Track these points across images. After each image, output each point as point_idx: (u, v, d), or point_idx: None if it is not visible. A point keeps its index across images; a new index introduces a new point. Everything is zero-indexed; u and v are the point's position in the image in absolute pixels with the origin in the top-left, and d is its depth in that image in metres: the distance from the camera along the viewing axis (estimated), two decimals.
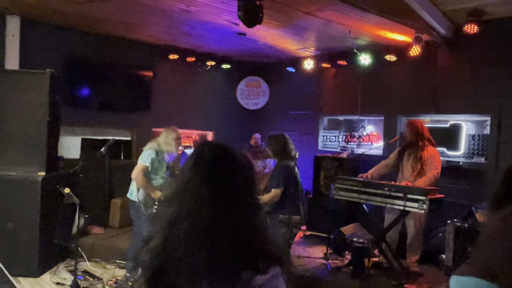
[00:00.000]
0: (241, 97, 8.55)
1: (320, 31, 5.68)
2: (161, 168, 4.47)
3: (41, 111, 4.68)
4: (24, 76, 4.73)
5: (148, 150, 4.41)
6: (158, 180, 4.50)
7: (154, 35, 6.47)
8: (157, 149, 4.45)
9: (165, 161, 4.53)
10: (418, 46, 5.70)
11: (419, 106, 6.11)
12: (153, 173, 4.43)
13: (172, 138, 4.51)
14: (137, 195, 4.37)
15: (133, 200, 4.44)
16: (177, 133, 4.59)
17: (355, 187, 4.96)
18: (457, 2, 4.86)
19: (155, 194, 4.41)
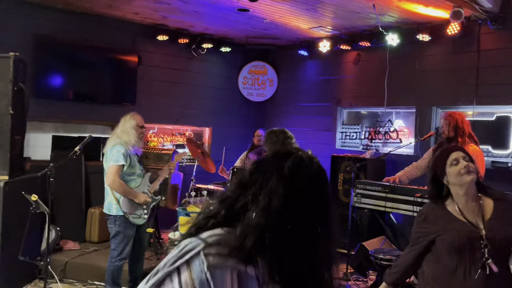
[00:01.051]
0: (244, 87, 8.48)
1: (338, 5, 5.59)
2: (135, 164, 4.40)
3: (3, 103, 4.63)
4: None
5: (114, 147, 4.30)
6: (136, 180, 4.44)
7: (140, 12, 6.42)
8: (121, 142, 4.34)
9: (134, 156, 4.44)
10: (457, 23, 5.61)
11: (458, 95, 6.02)
12: (128, 173, 4.35)
13: (130, 126, 4.40)
14: (120, 207, 4.30)
15: (113, 214, 4.36)
16: (137, 119, 4.47)
17: (380, 193, 4.90)
18: None
19: (139, 199, 4.35)
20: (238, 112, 8.50)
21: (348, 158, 6.62)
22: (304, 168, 1.24)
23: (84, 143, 4.66)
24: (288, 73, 8.40)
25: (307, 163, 1.26)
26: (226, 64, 8.34)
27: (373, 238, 5.70)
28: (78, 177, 6.55)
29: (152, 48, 7.36)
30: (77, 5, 6.18)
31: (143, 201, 4.39)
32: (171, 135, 7.89)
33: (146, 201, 4.42)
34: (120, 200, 4.30)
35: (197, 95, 8.01)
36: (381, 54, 6.84)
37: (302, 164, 1.25)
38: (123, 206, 4.30)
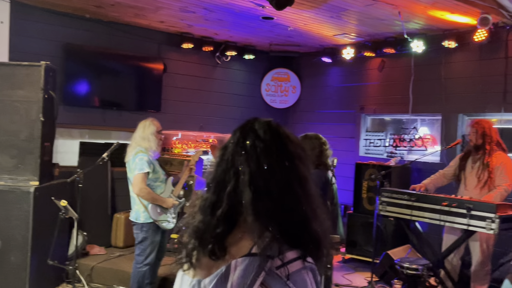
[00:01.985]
0: (267, 94, 8.52)
1: (362, 13, 5.59)
2: (158, 170, 4.45)
3: (34, 110, 4.74)
4: (15, 70, 4.80)
5: (136, 156, 4.32)
6: (161, 186, 4.51)
7: (166, 20, 6.51)
8: (142, 150, 4.35)
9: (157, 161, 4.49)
10: (484, 30, 5.54)
11: (485, 102, 5.94)
12: (153, 180, 4.40)
13: (151, 132, 4.42)
14: (149, 215, 4.34)
15: (141, 222, 4.40)
16: (156, 125, 4.50)
17: (406, 201, 4.86)
18: None
19: (167, 203, 4.41)
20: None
21: (372, 166, 6.58)
22: (259, 141, 1.28)
23: (112, 149, 4.74)
24: (311, 80, 8.41)
25: (260, 134, 1.29)
26: (249, 71, 8.39)
27: (398, 247, 5.65)
28: (104, 182, 6.66)
29: (177, 56, 7.46)
30: (105, 14, 6.31)
31: (171, 205, 4.45)
32: (195, 142, 7.96)
33: (174, 204, 4.49)
34: (149, 207, 4.34)
35: (220, 102, 8.07)
36: (406, 60, 6.80)
37: (255, 136, 1.29)
38: (151, 213, 4.33)
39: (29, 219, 4.62)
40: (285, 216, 1.21)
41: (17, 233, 4.62)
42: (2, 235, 4.63)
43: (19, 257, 4.61)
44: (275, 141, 1.29)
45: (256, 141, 1.27)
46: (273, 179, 1.23)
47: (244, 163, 1.25)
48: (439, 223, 4.61)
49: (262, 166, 1.23)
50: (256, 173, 1.23)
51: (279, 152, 1.27)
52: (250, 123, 1.33)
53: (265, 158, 1.24)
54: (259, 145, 1.26)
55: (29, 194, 4.62)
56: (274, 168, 1.24)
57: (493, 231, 4.20)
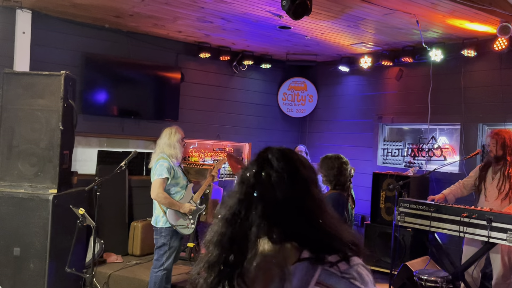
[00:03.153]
0: (284, 103, 8.52)
1: (380, 22, 5.57)
2: (178, 175, 4.53)
3: (54, 118, 4.82)
4: (36, 79, 4.89)
5: (158, 162, 4.48)
6: (180, 192, 4.59)
7: (184, 30, 6.57)
8: (165, 156, 4.51)
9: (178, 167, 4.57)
10: (504, 38, 5.48)
11: (505, 112, 5.85)
12: (173, 185, 4.50)
13: (177, 140, 4.58)
14: (167, 220, 4.42)
15: (160, 227, 4.49)
16: (181, 133, 4.69)
17: (425, 212, 4.81)
18: None
19: (183, 209, 4.48)
20: (277, 128, 8.53)
21: (390, 176, 6.51)
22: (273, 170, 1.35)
23: (130, 158, 4.79)
24: (328, 89, 8.38)
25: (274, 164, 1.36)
26: (266, 80, 8.41)
27: (416, 258, 5.58)
28: (122, 191, 6.71)
29: (194, 65, 7.51)
30: (124, 24, 6.39)
31: (188, 210, 4.51)
32: (211, 151, 7.99)
33: (191, 209, 4.53)
34: (167, 212, 4.44)
35: (237, 111, 8.10)
36: (424, 69, 6.75)
37: (269, 166, 1.36)
38: (170, 218, 4.44)
39: (47, 227, 4.68)
40: (311, 234, 1.31)
41: (36, 240, 4.69)
42: (21, 242, 4.70)
43: (37, 264, 4.67)
44: (288, 168, 1.36)
45: (270, 171, 1.35)
46: (291, 205, 1.31)
47: (261, 193, 1.32)
48: (458, 235, 4.53)
49: (278, 195, 1.31)
50: (273, 202, 1.31)
51: (293, 179, 1.35)
52: (263, 154, 1.41)
53: (279, 187, 1.32)
54: (273, 174, 1.34)
55: (48, 202, 4.69)
56: (290, 195, 1.32)
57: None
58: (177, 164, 4.62)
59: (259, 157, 1.40)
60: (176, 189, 4.56)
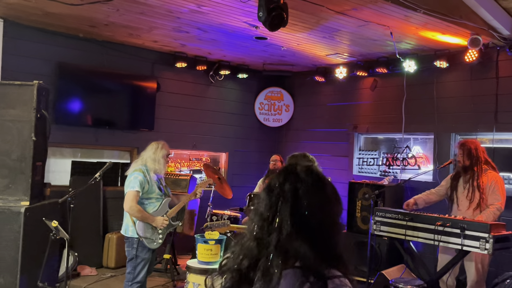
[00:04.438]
0: (260, 112, 8.54)
1: (355, 33, 5.65)
2: (153, 190, 4.48)
3: (26, 129, 4.71)
4: (7, 89, 4.78)
5: (133, 173, 4.42)
6: (154, 204, 4.51)
7: (159, 40, 6.54)
8: (143, 169, 4.44)
9: (156, 181, 4.51)
10: (475, 50, 5.61)
11: (477, 122, 5.98)
12: (145, 197, 4.43)
13: (162, 156, 4.54)
14: (135, 230, 4.35)
15: (129, 236, 4.42)
16: (167, 149, 4.66)
17: (400, 221, 4.85)
18: None
19: (156, 222, 4.40)
20: (254, 137, 8.54)
21: (366, 185, 6.57)
22: (301, 184, 1.43)
23: (104, 169, 4.71)
24: (305, 98, 8.45)
25: (304, 179, 1.44)
26: (242, 90, 8.42)
27: (392, 266, 5.62)
28: (96, 202, 6.61)
29: (170, 74, 7.48)
30: (99, 34, 6.33)
31: (160, 224, 4.43)
32: (188, 161, 7.94)
33: (164, 224, 4.46)
34: (136, 223, 4.36)
35: (214, 120, 8.08)
36: (398, 80, 6.86)
37: (299, 182, 1.43)
38: (138, 229, 4.36)
39: (19, 240, 4.55)
40: (321, 246, 1.39)
41: (7, 254, 4.55)
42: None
43: (8, 279, 4.54)
44: (316, 184, 1.44)
45: (298, 183, 1.42)
46: (313, 218, 1.39)
47: (286, 203, 1.40)
48: (433, 243, 4.59)
49: (303, 206, 1.39)
50: (297, 212, 1.39)
51: (318, 194, 1.43)
52: (292, 167, 1.48)
53: (305, 199, 1.40)
54: (301, 187, 1.42)
55: (19, 215, 4.56)
56: (314, 208, 1.40)
57: (487, 251, 4.20)
58: (156, 178, 4.56)
59: (287, 169, 1.48)
60: (149, 201, 4.50)
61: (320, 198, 1.43)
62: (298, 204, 1.39)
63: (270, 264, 1.35)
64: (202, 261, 4.45)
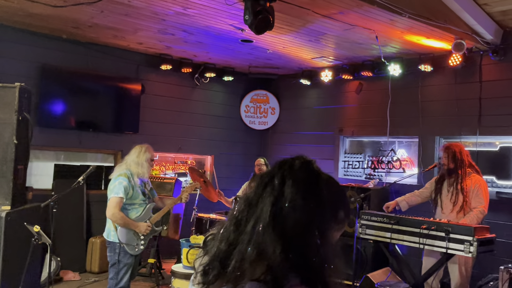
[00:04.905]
0: (246, 115, 8.52)
1: (341, 37, 5.66)
2: (137, 196, 4.40)
3: (7, 132, 4.63)
4: None
5: (117, 178, 4.32)
6: (137, 209, 4.43)
7: (144, 42, 6.49)
8: (127, 173, 4.37)
9: (140, 186, 4.44)
10: (459, 55, 5.67)
11: (461, 125, 6.04)
12: (128, 203, 4.35)
13: (145, 159, 4.46)
14: (117, 235, 4.28)
15: (111, 241, 4.35)
16: (151, 153, 4.56)
17: (386, 224, 4.86)
18: (507, 1, 4.84)
19: (139, 229, 4.33)
20: (240, 140, 8.52)
21: (351, 188, 6.58)
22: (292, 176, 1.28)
23: (88, 173, 4.63)
24: (290, 101, 8.45)
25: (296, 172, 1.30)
26: (228, 92, 8.40)
27: (378, 269, 5.64)
28: (79, 205, 6.52)
29: (155, 77, 7.42)
30: (83, 35, 6.25)
31: (144, 230, 4.36)
32: (173, 163, 7.88)
33: (147, 230, 4.39)
34: (118, 228, 4.28)
35: (199, 123, 8.04)
36: (383, 83, 6.89)
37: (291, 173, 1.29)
38: (120, 235, 4.28)
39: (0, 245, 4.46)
40: (293, 251, 1.21)
41: None
42: None
43: None
44: (308, 180, 1.29)
45: (289, 174, 1.28)
46: (291, 214, 1.23)
47: (272, 191, 1.26)
48: (418, 246, 4.61)
49: (286, 199, 1.24)
50: (278, 203, 1.24)
51: (306, 191, 1.27)
52: (290, 159, 1.34)
53: (290, 192, 1.25)
54: (290, 178, 1.27)
55: (0, 219, 4.48)
56: (296, 204, 1.24)
57: (472, 254, 4.22)
58: (140, 182, 4.48)
59: (286, 160, 1.34)
60: (132, 206, 4.42)
61: (306, 195, 1.26)
62: (282, 195, 1.25)
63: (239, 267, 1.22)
64: (187, 266, 4.41)
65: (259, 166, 6.87)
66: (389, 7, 4.39)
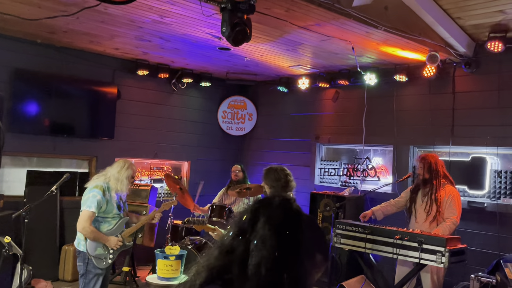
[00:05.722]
0: (223, 121, 8.51)
1: (317, 47, 5.70)
2: (111, 210, 4.30)
3: None
4: None
5: (92, 190, 4.22)
6: (110, 222, 4.34)
7: (121, 48, 6.42)
8: (104, 186, 4.26)
9: (115, 200, 4.36)
10: (433, 66, 5.76)
11: (434, 135, 6.14)
12: (101, 216, 4.27)
13: (126, 176, 4.36)
14: (85, 246, 4.20)
15: (81, 250, 4.26)
16: (134, 170, 4.46)
17: (360, 234, 4.91)
18: (479, 15, 4.94)
19: (109, 243, 4.25)
20: (217, 146, 8.50)
21: (327, 196, 6.63)
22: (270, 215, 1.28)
23: (61, 182, 4.55)
24: (268, 108, 8.47)
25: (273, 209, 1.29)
26: (206, 98, 8.37)
27: (352, 277, 5.70)
28: (52, 212, 6.40)
29: (132, 82, 7.34)
30: (58, 40, 6.15)
31: (114, 245, 4.27)
32: (148, 169, 7.81)
33: (117, 245, 4.30)
34: (87, 240, 4.20)
35: (176, 129, 7.98)
36: (359, 92, 6.96)
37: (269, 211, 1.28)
38: (88, 247, 4.19)
39: None
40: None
41: None
42: None
43: None
44: (284, 220, 1.27)
45: (263, 212, 1.27)
46: (259, 255, 1.21)
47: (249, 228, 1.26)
48: (392, 256, 4.67)
49: (254, 238, 1.23)
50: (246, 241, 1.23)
51: (280, 233, 1.25)
52: (272, 196, 1.33)
53: (261, 231, 1.24)
54: (263, 217, 1.26)
55: None
56: (265, 245, 1.22)
57: (443, 264, 4.30)
58: (117, 197, 4.39)
59: (265, 200, 1.33)
60: (105, 220, 4.33)
61: (278, 236, 1.23)
62: (252, 232, 1.24)
63: None
64: (162, 277, 4.37)
65: (236, 172, 6.86)
66: (365, 20, 4.44)
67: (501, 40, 5.19)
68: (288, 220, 1.28)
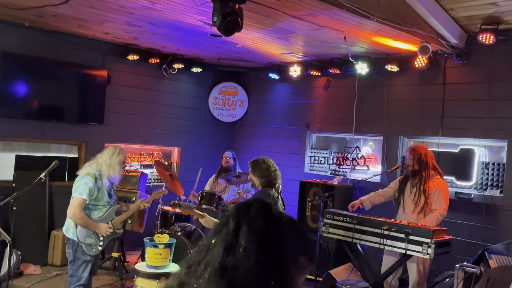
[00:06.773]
0: (214, 107, 8.47)
1: (309, 36, 5.67)
2: (102, 197, 4.31)
3: None
4: None
5: (84, 177, 4.21)
6: (100, 209, 4.35)
7: (111, 32, 6.33)
8: (96, 174, 4.26)
9: (106, 187, 4.37)
10: (424, 57, 5.76)
11: (424, 126, 6.16)
12: (92, 203, 4.27)
13: (118, 162, 4.37)
14: (76, 233, 4.20)
15: (70, 237, 4.26)
16: (125, 155, 4.47)
17: (348, 224, 4.95)
18: (471, 7, 4.93)
19: (99, 230, 4.25)
20: (207, 132, 8.47)
21: (316, 184, 6.66)
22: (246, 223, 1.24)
23: (50, 169, 4.51)
24: (259, 95, 8.44)
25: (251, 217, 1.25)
26: (196, 84, 8.31)
27: (340, 264, 5.76)
28: (41, 198, 6.37)
29: (122, 67, 7.26)
30: (46, 23, 6.05)
31: (104, 232, 4.28)
32: (138, 155, 7.78)
33: (107, 232, 4.30)
34: (78, 227, 4.20)
35: (166, 114, 7.93)
36: (350, 81, 6.95)
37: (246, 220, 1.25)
38: (79, 234, 4.19)
39: None
40: None
41: None
42: None
43: None
44: (265, 227, 1.23)
45: (244, 220, 1.23)
46: (245, 267, 1.17)
47: (223, 241, 1.22)
48: (379, 247, 4.72)
49: (238, 248, 1.19)
50: (230, 253, 1.19)
51: (263, 240, 1.21)
52: (249, 203, 1.29)
53: (244, 241, 1.20)
54: (244, 226, 1.22)
55: None
56: (250, 255, 1.18)
57: (429, 256, 4.36)
58: (109, 183, 4.39)
59: (241, 206, 1.28)
60: (96, 207, 4.32)
61: (262, 244, 1.20)
62: (236, 242, 1.20)
63: None
64: (151, 265, 4.39)
65: (226, 159, 6.86)
66: (357, 11, 4.41)
67: (492, 32, 5.19)
68: (269, 229, 1.24)
